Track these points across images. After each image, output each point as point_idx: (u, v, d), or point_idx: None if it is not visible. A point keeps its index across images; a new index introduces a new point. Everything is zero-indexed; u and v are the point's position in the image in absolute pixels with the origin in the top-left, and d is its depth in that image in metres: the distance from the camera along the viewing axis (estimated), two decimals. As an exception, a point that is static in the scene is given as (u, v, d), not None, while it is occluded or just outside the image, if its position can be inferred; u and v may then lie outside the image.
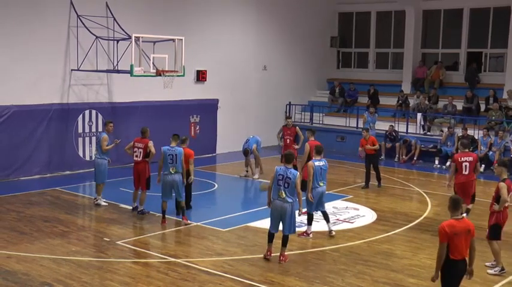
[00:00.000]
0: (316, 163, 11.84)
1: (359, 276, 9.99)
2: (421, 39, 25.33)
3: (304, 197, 11.42)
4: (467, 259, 7.63)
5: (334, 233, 12.12)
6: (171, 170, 12.62)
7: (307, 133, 14.93)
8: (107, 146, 14.06)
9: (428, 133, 22.28)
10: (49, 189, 15.84)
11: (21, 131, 16.87)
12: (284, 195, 10.35)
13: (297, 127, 17.84)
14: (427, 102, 22.80)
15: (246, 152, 17.93)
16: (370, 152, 16.79)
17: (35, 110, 17.08)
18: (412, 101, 23.40)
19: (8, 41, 16.46)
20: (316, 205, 11.95)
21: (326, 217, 12.19)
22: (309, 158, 13.69)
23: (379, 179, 16.97)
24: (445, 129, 21.09)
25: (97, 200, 14.30)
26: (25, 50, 16.77)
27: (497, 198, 10.11)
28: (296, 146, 17.26)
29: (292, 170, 10.52)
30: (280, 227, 10.56)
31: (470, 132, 20.44)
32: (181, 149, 12.78)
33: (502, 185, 10.07)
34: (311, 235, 12.01)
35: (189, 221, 12.82)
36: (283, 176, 10.36)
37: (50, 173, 17.58)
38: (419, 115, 22.32)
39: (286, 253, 10.63)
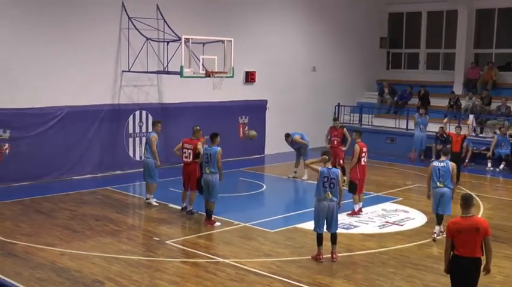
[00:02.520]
0: (435, 163, 11.82)
1: (408, 280, 9.86)
2: (473, 39, 24.78)
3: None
4: (482, 258, 7.67)
5: (437, 238, 11.84)
6: (206, 169, 12.68)
7: (354, 135, 14.50)
8: (156, 147, 14.24)
9: (481, 135, 21.77)
10: (100, 188, 16.14)
11: (74, 132, 17.23)
12: (331, 196, 10.46)
13: (345, 128, 17.60)
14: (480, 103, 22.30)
15: (287, 135, 17.80)
16: (456, 150, 17.12)
17: (87, 111, 17.42)
18: (463, 103, 22.92)
19: (61, 44, 16.83)
20: (436, 206, 11.84)
21: (439, 219, 11.95)
22: (359, 160, 13.58)
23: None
24: (498, 131, 20.56)
25: (148, 200, 14.50)
26: (78, 52, 17.12)
27: None
28: (343, 148, 17.10)
29: (334, 169, 10.65)
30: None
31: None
32: (216, 149, 12.67)
33: None
34: (438, 237, 11.82)
35: (216, 225, 12.70)
36: (328, 178, 10.44)
37: (101, 173, 17.90)
38: (471, 117, 21.78)
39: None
